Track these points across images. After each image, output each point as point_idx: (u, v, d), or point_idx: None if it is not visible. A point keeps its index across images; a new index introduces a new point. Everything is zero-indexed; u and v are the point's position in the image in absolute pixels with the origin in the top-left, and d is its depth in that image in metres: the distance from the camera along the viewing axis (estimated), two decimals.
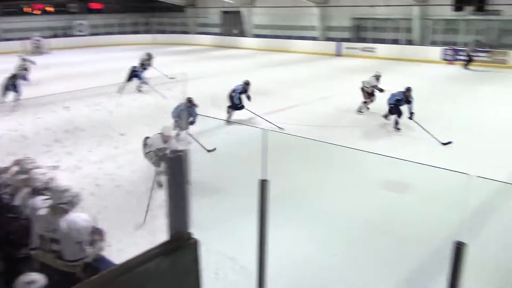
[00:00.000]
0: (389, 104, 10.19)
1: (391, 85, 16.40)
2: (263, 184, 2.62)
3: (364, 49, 25.17)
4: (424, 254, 5.13)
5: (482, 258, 4.84)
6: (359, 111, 11.86)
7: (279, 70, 20.61)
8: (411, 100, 9.87)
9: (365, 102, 11.84)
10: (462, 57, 21.47)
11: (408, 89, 9.95)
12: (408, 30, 24.58)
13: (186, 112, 8.82)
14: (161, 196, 5.25)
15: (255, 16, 31.26)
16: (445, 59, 22.25)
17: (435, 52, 22.67)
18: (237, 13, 31.78)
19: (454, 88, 15.87)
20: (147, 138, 6.74)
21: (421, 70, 20.06)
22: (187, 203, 2.39)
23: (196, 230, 2.45)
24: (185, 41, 33.29)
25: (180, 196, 2.36)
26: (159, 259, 2.26)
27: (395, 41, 25.09)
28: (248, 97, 10.90)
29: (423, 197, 6.73)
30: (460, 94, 14.56)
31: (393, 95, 10.20)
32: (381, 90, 11.64)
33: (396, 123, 10.17)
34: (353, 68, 21.08)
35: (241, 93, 10.83)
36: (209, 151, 8.30)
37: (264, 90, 15.15)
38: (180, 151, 2.33)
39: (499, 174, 7.35)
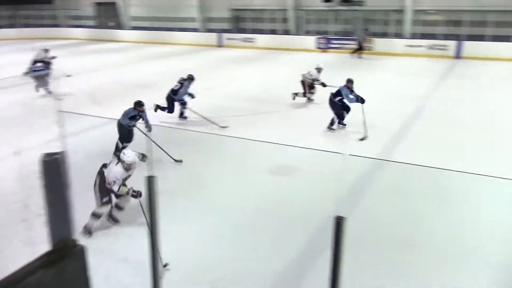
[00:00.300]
0: (347, 104, 9.49)
1: (272, 72, 17.09)
2: (150, 180, 2.55)
3: (244, 40, 25.73)
4: (313, 231, 5.44)
5: (360, 230, 5.31)
6: (294, 98, 11.78)
7: (161, 62, 20.19)
8: (353, 90, 9.58)
9: (304, 93, 11.80)
10: (334, 46, 23.18)
11: (349, 81, 9.58)
12: (284, 20, 25.70)
13: (138, 118, 7.87)
14: (39, 203, 4.84)
15: (132, 8, 30.12)
16: (319, 48, 23.72)
17: (310, 41, 24.05)
18: (112, 4, 30.31)
19: (327, 74, 16.97)
20: (103, 166, 5.50)
21: (298, 58, 21.15)
22: (68, 208, 2.24)
23: (82, 236, 2.32)
24: (55, 35, 30.83)
25: (60, 201, 2.20)
26: (41, 271, 2.08)
27: (273, 32, 26.05)
28: (191, 94, 10.22)
29: (308, 178, 7.12)
30: (332, 79, 15.61)
31: (344, 94, 9.38)
32: (323, 85, 11.49)
33: (332, 123, 9.60)
34: (235, 58, 21.48)
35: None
36: (176, 161, 7.71)
37: (146, 83, 14.76)
38: (57, 153, 2.16)
39: (372, 152, 8.14)
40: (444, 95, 13.12)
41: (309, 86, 11.83)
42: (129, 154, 5.40)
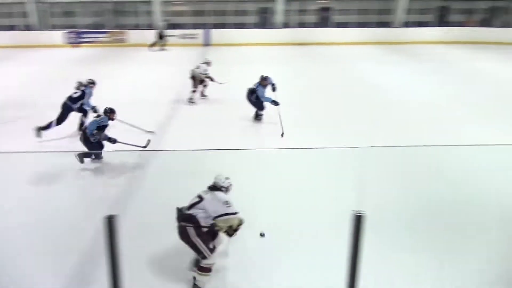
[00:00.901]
0: (257, 101, 9.36)
1: (16, 74, 15.21)
2: None
3: None
4: (85, 236, 5.12)
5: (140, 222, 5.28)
6: (191, 101, 11.08)
7: None
8: (275, 85, 9.32)
9: (194, 91, 11.13)
10: (85, 40, 22.04)
11: (263, 78, 9.27)
12: (25, 14, 23.14)
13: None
14: None
15: None
16: (69, 43, 22.17)
17: (58, 36, 22.23)
18: None
19: (81, 69, 16.08)
20: (180, 212, 4.25)
21: (46, 56, 19.41)
22: None
23: None
24: None
25: None
26: None
27: (11, 28, 23.18)
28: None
29: (75, 183, 6.70)
30: (84, 74, 14.87)
31: (260, 95, 9.23)
32: (211, 79, 11.28)
33: (258, 115, 9.63)
34: None
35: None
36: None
37: None
38: None
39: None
40: None
41: (200, 81, 11.26)
42: (226, 180, 4.29)
